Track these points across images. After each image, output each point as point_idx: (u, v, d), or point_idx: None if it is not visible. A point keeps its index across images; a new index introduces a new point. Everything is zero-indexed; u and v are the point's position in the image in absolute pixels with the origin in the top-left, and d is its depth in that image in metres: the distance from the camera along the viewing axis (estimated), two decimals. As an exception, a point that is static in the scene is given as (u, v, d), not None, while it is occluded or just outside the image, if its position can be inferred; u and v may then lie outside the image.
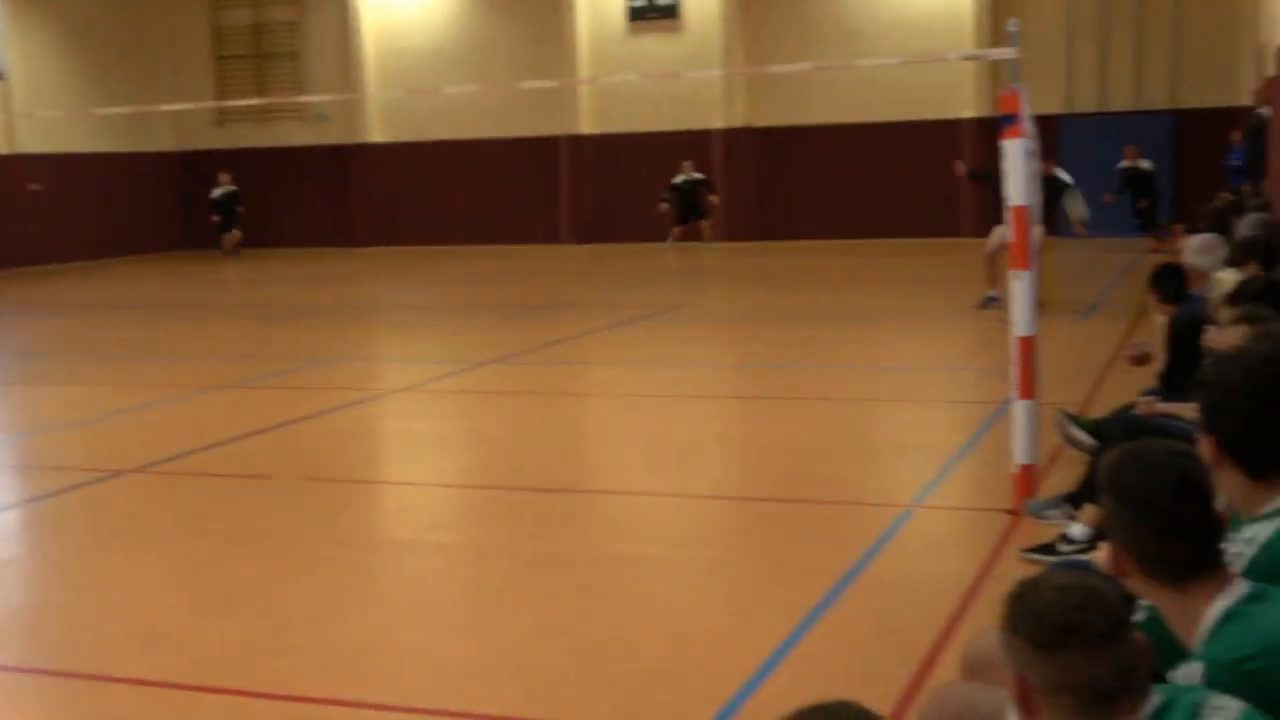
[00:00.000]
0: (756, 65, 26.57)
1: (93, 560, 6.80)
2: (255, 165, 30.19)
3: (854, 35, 26.08)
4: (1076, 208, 15.93)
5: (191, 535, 7.14)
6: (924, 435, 9.04)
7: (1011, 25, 6.88)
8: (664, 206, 24.88)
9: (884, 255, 23.24)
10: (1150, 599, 2.75)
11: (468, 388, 11.76)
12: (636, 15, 27.43)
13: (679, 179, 25.27)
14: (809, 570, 6.10)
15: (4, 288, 23.22)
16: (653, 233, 26.93)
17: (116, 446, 9.63)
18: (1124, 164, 22.86)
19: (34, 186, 27.20)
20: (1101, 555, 4.67)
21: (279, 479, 8.31)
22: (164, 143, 30.63)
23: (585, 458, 9.14)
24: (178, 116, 30.03)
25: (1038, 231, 13.93)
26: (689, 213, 25.28)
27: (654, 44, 27.47)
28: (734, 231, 27.11)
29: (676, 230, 25.36)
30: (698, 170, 25.50)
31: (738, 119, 27.02)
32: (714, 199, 25.31)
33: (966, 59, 24.55)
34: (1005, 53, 6.83)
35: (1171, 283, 7.52)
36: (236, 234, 28.37)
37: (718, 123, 27.15)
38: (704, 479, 8.30)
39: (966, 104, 25.72)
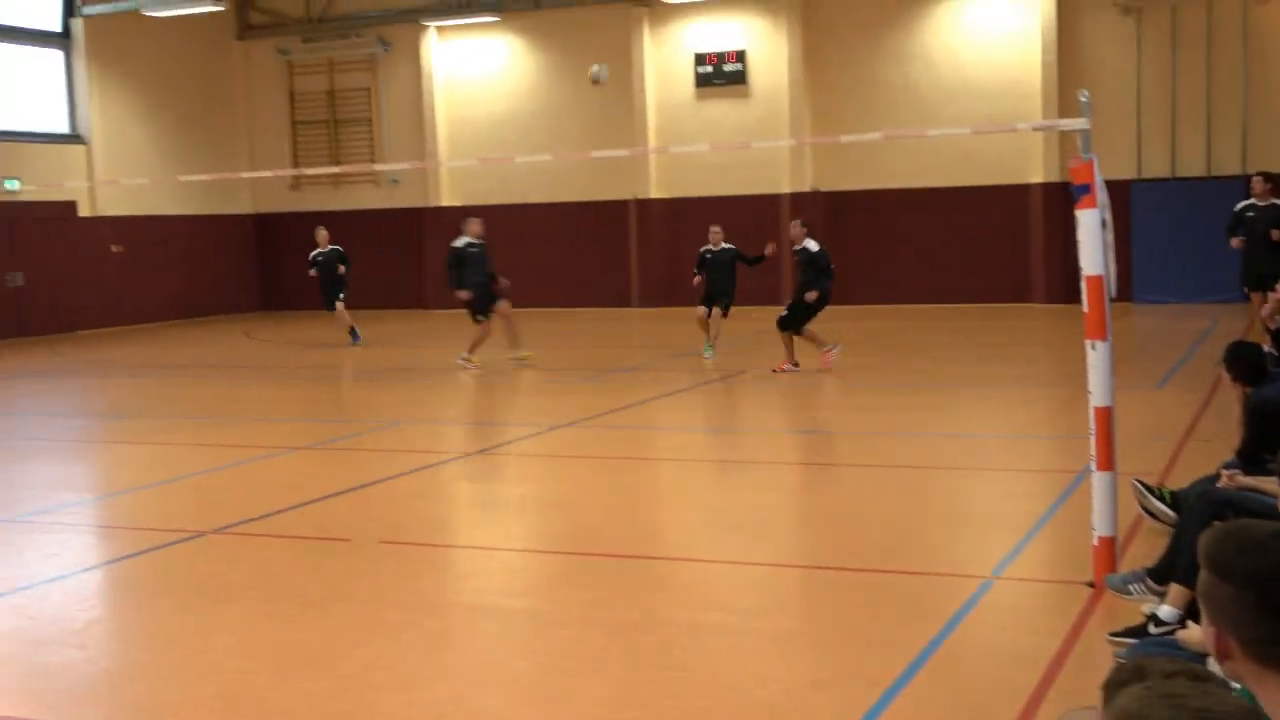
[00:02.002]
0: (824, 130, 26.66)
1: (173, 621, 6.88)
2: (329, 228, 30.56)
3: (921, 101, 26.14)
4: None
5: (270, 597, 7.22)
6: (1000, 504, 8.98)
7: (1083, 96, 6.88)
8: (696, 280, 18.18)
9: (953, 320, 23.14)
10: (1251, 684, 2.70)
11: (539, 451, 11.82)
12: (704, 82, 27.66)
13: (708, 250, 18.53)
14: (887, 642, 6.06)
15: (85, 348, 23.66)
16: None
17: (196, 508, 9.76)
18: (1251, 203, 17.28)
19: (115, 248, 27.79)
20: (1189, 634, 4.63)
21: (356, 542, 8.38)
22: (241, 205, 31.20)
23: (657, 524, 9.14)
24: (255, 180, 30.60)
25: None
26: (719, 292, 18.22)
27: (722, 110, 27.68)
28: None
29: (700, 312, 18.28)
30: (727, 240, 18.60)
31: (806, 184, 27.11)
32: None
33: (1038, 129, 24.50)
34: (1077, 123, 6.83)
35: (1243, 363, 7.32)
36: (343, 311, 22.30)
37: (785, 187, 27.26)
38: (777, 547, 8.28)
39: (1035, 169, 25.65)
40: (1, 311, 25.46)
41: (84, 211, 27.28)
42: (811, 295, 16.08)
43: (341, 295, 22.21)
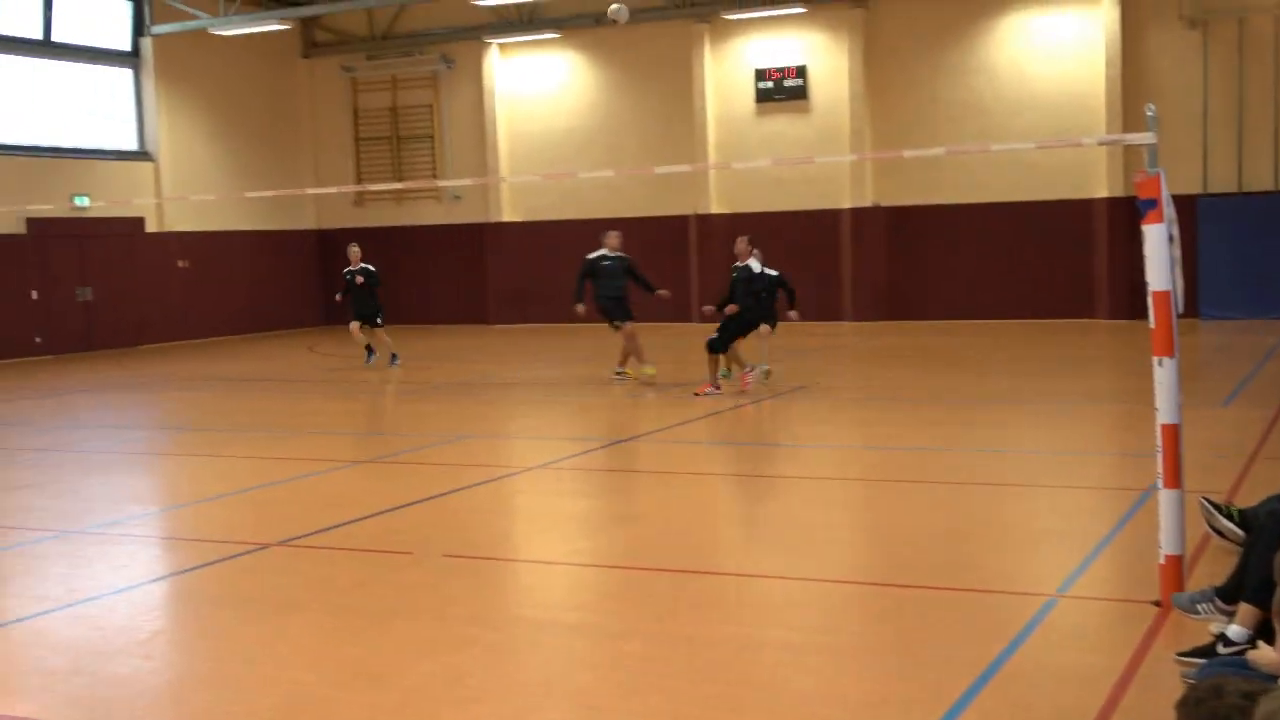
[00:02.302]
0: (884, 144, 26.58)
1: (237, 632, 6.95)
2: (392, 243, 30.95)
3: (984, 115, 26.01)
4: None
5: (333, 610, 7.27)
6: (1065, 522, 8.89)
7: (1149, 110, 6.82)
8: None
9: (1016, 336, 22.97)
10: None
11: (600, 466, 11.84)
12: (764, 97, 27.67)
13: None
14: (950, 660, 6.01)
15: (151, 361, 23.97)
16: (780, 310, 26.91)
17: (258, 520, 9.87)
18: None
19: (182, 263, 28.17)
20: (1261, 655, 4.56)
21: (418, 555, 8.43)
22: (305, 221, 31.53)
23: (718, 539, 9.12)
24: (319, 196, 30.95)
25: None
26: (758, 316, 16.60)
27: (782, 125, 27.66)
28: (863, 311, 27.05)
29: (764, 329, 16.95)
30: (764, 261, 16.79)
31: (866, 198, 27.02)
32: (794, 315, 17.40)
33: (1103, 144, 24.25)
34: (1143, 137, 6.77)
35: None
36: (380, 333, 21.48)
37: (846, 202, 27.18)
38: (838, 563, 8.24)
39: (1099, 183, 25.42)
40: (70, 325, 25.86)
41: (151, 227, 27.68)
42: (732, 308, 16.05)
43: (378, 316, 21.47)
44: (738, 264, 16.34)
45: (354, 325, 21.28)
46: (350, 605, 7.35)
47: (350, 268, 21.48)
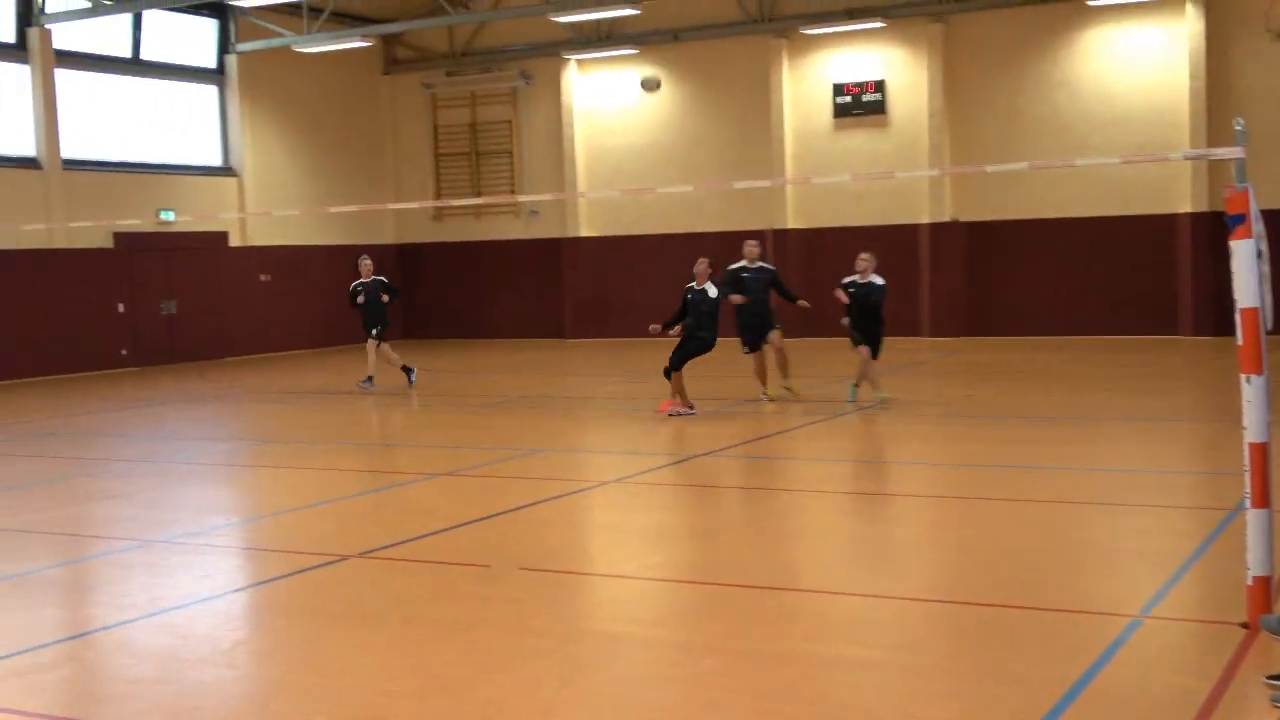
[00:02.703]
0: (964, 159, 26.39)
1: (317, 642, 7.02)
2: (470, 258, 31.23)
3: (1065, 130, 25.75)
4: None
5: (411, 621, 7.32)
6: (1149, 541, 8.75)
7: (1238, 124, 6.71)
8: (845, 322, 16.26)
9: (1097, 352, 22.68)
10: None
11: (676, 480, 11.83)
12: (842, 112, 27.58)
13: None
14: (1032, 681, 5.94)
15: (234, 374, 24.31)
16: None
17: (339, 532, 9.96)
18: None
19: (264, 277, 28.57)
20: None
21: (496, 567, 8.47)
22: (385, 236, 31.86)
23: (795, 555, 9.08)
24: (399, 211, 31.27)
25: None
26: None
27: (860, 140, 27.55)
28: (941, 326, 26.85)
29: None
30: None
31: (945, 213, 26.83)
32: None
33: (1190, 158, 23.93)
34: (1232, 151, 6.66)
35: None
36: (383, 348, 20.40)
37: (925, 217, 27.01)
38: (918, 581, 8.17)
39: (1183, 198, 25.06)
40: (155, 338, 26.29)
41: (235, 242, 28.11)
42: (675, 329, 16.07)
43: (376, 331, 20.17)
44: (697, 286, 16.04)
45: (371, 344, 20.22)
46: (428, 617, 7.40)
47: (362, 280, 20.37)
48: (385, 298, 20.20)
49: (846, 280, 16.24)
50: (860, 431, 14.59)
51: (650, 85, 15.84)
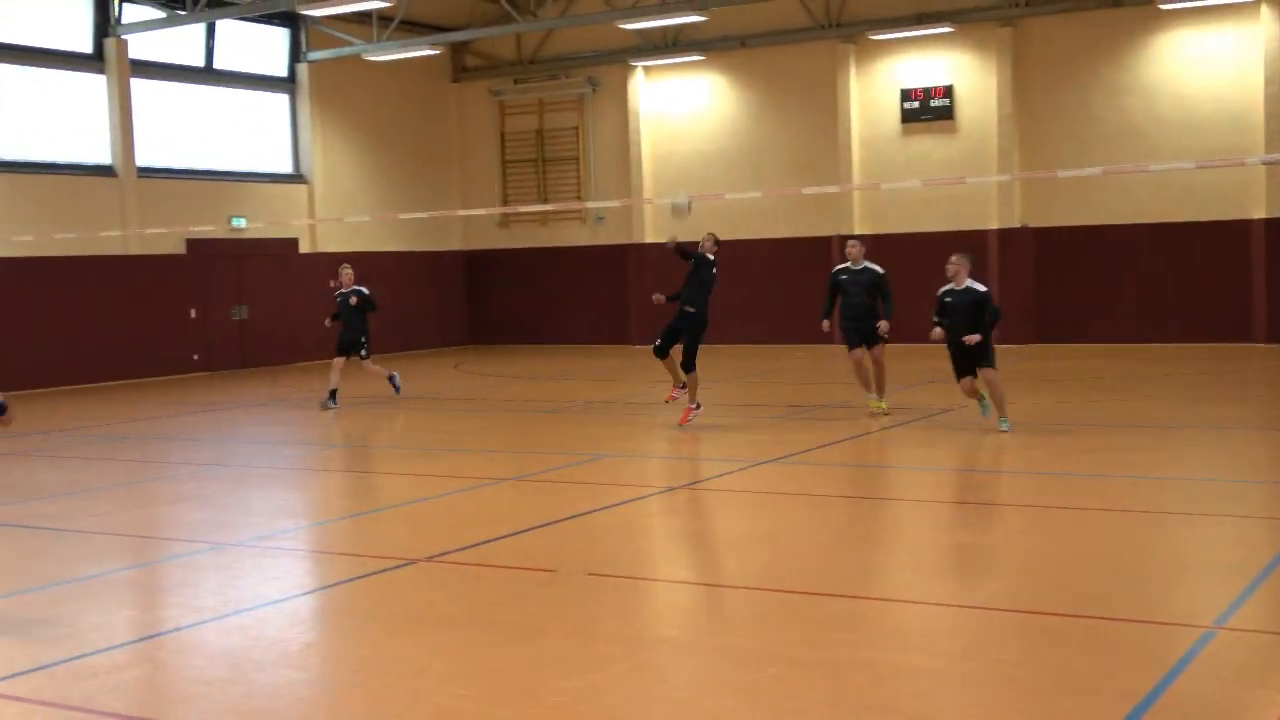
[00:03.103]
0: (1033, 165, 26.17)
1: (386, 646, 7.07)
2: (536, 264, 31.37)
3: (1136, 135, 25.46)
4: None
5: (480, 625, 7.36)
6: (1223, 552, 8.62)
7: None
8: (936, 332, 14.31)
9: (1169, 360, 22.38)
10: None
11: (744, 487, 11.81)
12: (909, 117, 27.43)
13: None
14: (1102, 692, 5.87)
15: (303, 379, 24.55)
16: (923, 333, 26.59)
17: (407, 536, 10.04)
18: None
19: (333, 283, 28.81)
20: None
21: (562, 573, 8.50)
22: (452, 242, 32.08)
23: (862, 562, 9.03)
24: (466, 217, 31.48)
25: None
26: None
27: (928, 145, 27.39)
28: (1010, 333, 26.59)
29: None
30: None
31: (1014, 219, 26.61)
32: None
33: (1268, 163, 23.57)
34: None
35: None
36: (368, 365, 19.63)
37: (994, 223, 26.80)
38: (986, 589, 8.10)
39: (1257, 204, 24.69)
40: (226, 343, 26.62)
41: (304, 248, 28.40)
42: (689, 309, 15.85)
43: (363, 350, 19.35)
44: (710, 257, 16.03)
45: (338, 361, 19.35)
46: (496, 621, 7.43)
47: (342, 289, 19.55)
48: (356, 303, 19.25)
49: (944, 290, 14.31)
50: (928, 439, 14.48)
51: (681, 212, 15.64)
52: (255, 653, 6.99)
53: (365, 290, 19.60)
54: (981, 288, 14.12)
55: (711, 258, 15.94)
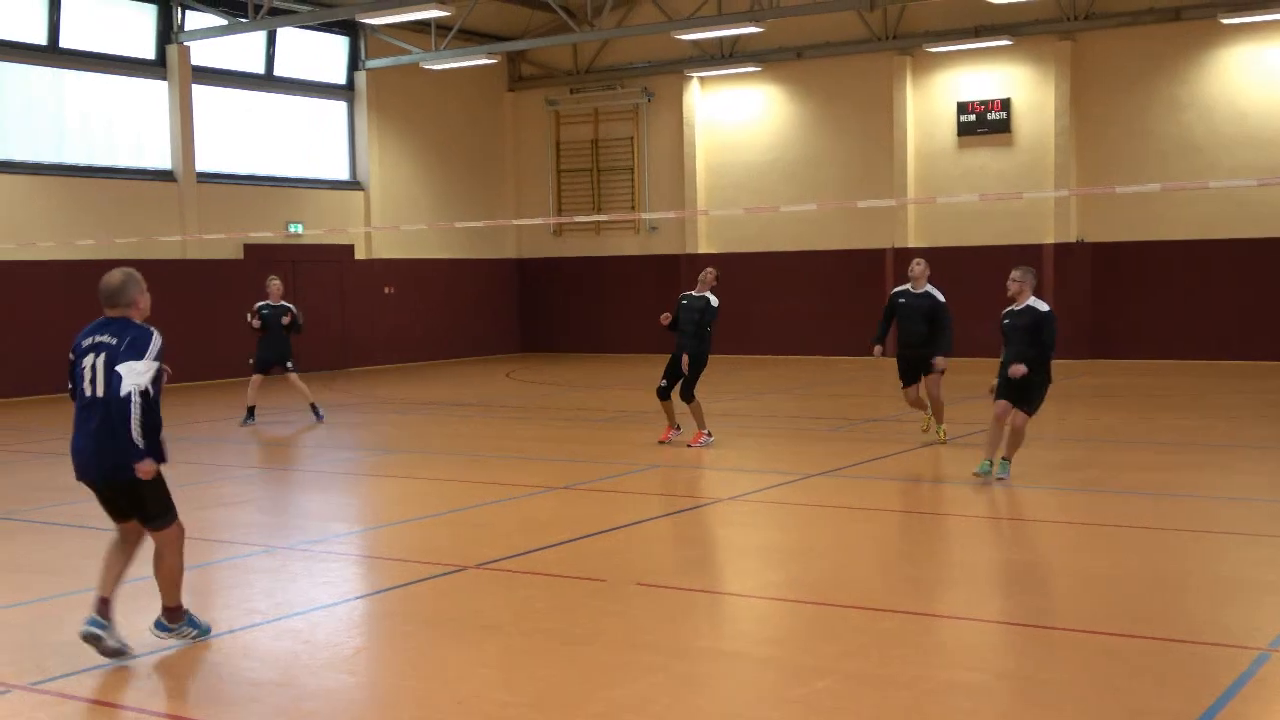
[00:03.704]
0: (1091, 179, 25.97)
1: (436, 651, 7.11)
2: (588, 273, 31.45)
3: (1195, 150, 25.23)
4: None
5: (527, 633, 7.39)
6: (1278, 573, 8.52)
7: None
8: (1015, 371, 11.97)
9: (1227, 377, 22.13)
10: None
11: (794, 500, 11.78)
12: (966, 130, 27.30)
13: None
14: (1153, 712, 5.82)
15: (358, 384, 24.74)
16: (982, 347, 26.48)
17: (457, 542, 10.09)
18: None
19: (388, 289, 29.05)
20: None
21: (611, 582, 8.52)
22: (506, 250, 32.24)
23: (913, 577, 8.99)
24: (519, 225, 31.62)
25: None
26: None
27: (984, 159, 27.25)
28: (1065, 348, 26.35)
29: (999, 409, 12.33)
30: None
31: (1071, 234, 26.41)
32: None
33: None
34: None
35: None
36: (292, 378, 18.62)
37: (1050, 238, 26.61)
38: (1036, 607, 8.04)
39: (1321, 221, 24.40)
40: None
41: (360, 254, 28.62)
42: (684, 361, 15.04)
43: (289, 360, 18.67)
44: (695, 293, 15.29)
45: (256, 379, 18.62)
46: (544, 629, 7.46)
47: (268, 302, 18.72)
48: (288, 322, 18.52)
49: (1004, 313, 12.28)
50: (973, 455, 14.37)
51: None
52: (306, 656, 7.05)
53: (294, 309, 18.93)
54: (1043, 307, 12.01)
55: (713, 300, 15.24)
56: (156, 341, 6.91)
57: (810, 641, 7.28)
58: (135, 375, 6.70)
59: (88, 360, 6.85)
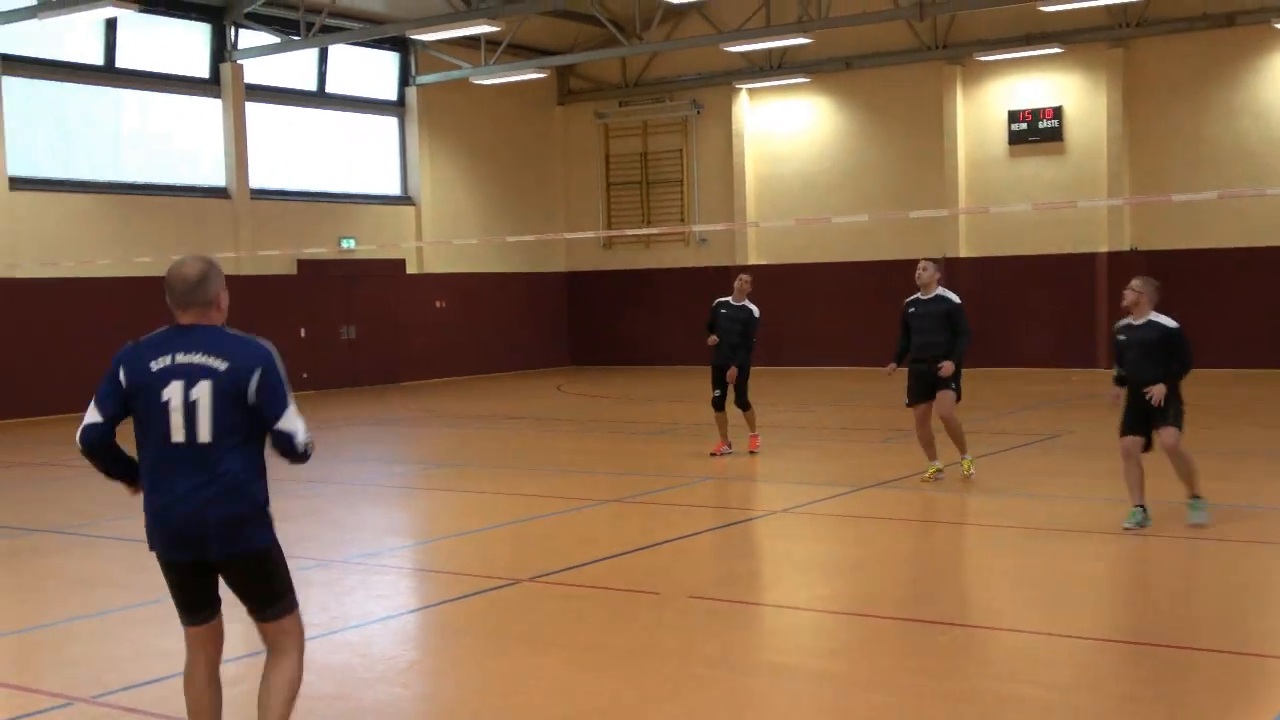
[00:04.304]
0: (1144, 187, 25.74)
1: (490, 665, 7.13)
2: (638, 285, 31.47)
3: (1249, 157, 24.94)
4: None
5: (582, 646, 7.40)
6: (1342, 586, 8.40)
7: None
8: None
9: (1287, 387, 21.85)
10: None
11: (847, 512, 11.74)
12: (1017, 139, 27.13)
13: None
14: (1217, 726, 5.75)
15: (410, 398, 24.87)
16: (1032, 357, 26.31)
17: (511, 556, 10.12)
18: None
19: (439, 304, 29.20)
20: None
21: (664, 595, 8.51)
22: (556, 264, 32.32)
23: (968, 589, 8.93)
24: (571, 239, 31.71)
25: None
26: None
27: (1036, 167, 27.06)
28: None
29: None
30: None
31: (1124, 243, 26.18)
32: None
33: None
34: None
35: None
36: None
37: (1103, 246, 26.38)
38: (1098, 619, 7.96)
39: (1381, 227, 24.07)
40: (335, 362, 27.03)
41: (411, 269, 28.78)
42: (731, 373, 15.14)
43: None
44: (734, 303, 15.50)
45: None
46: (598, 643, 7.47)
47: None
48: None
49: (1120, 325, 10.88)
50: (1033, 466, 14.28)
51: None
52: (362, 669, 7.09)
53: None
54: (1169, 323, 10.51)
55: (755, 309, 15.44)
56: (278, 358, 5.12)
57: (866, 655, 7.24)
58: (296, 421, 5.10)
59: (173, 391, 4.95)
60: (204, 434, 4.95)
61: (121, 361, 5.07)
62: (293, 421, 5.05)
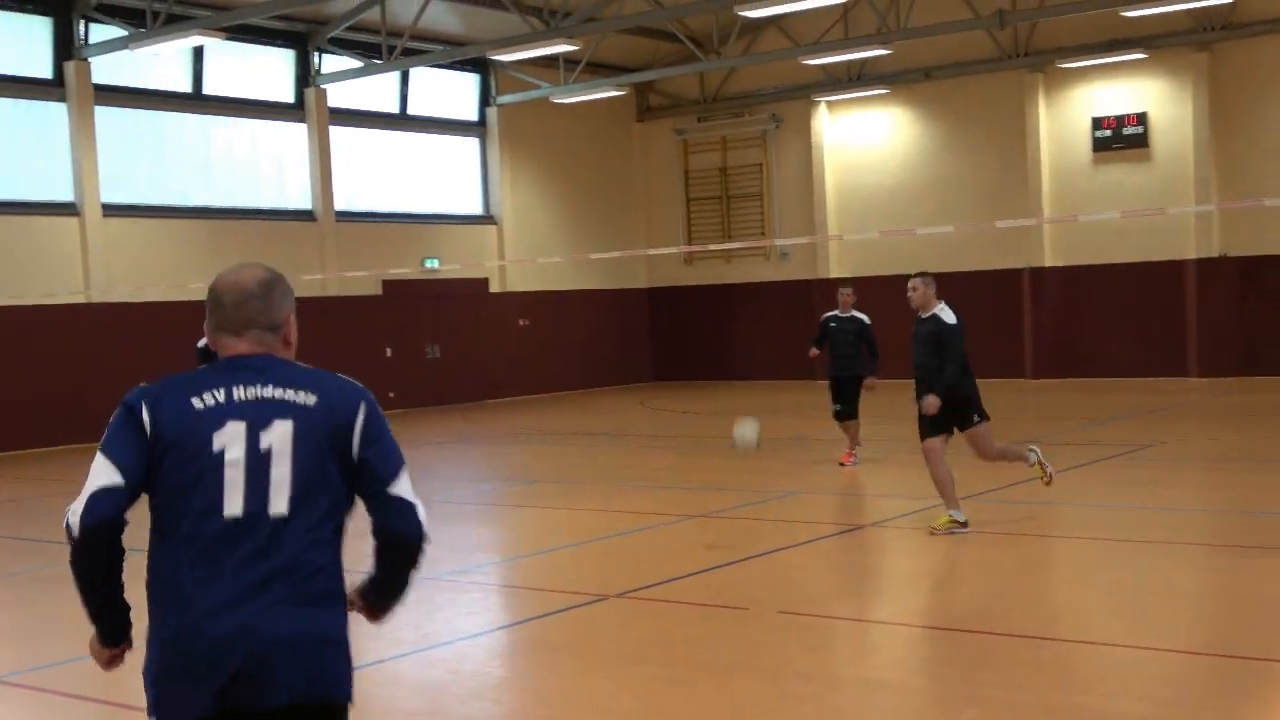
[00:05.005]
0: (1232, 192, 25.30)
1: (581, 681, 7.17)
2: (720, 300, 31.47)
3: (1343, 159, 24.47)
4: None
5: (671, 662, 7.41)
6: None
7: None
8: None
9: (1386, 393, 21.37)
10: None
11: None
12: (1101, 145, 26.82)
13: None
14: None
15: (495, 416, 25.04)
16: (1121, 366, 25.96)
17: (598, 572, 10.16)
18: None
19: (522, 322, 29.40)
20: None
21: (754, 610, 8.50)
22: (637, 280, 32.41)
23: (1059, 603, 8.83)
24: (652, 255, 31.79)
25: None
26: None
27: (1121, 174, 26.72)
28: (1211, 366, 25.72)
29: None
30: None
31: (1213, 249, 25.76)
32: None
33: None
34: None
35: None
36: None
37: (1191, 253, 25.98)
38: (1191, 633, 7.85)
39: None
40: (420, 381, 27.29)
41: (494, 288, 29.01)
42: (869, 382, 15.36)
43: None
44: (842, 314, 15.95)
45: None
46: (688, 659, 7.47)
47: None
48: None
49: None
50: (1121, 477, 14.08)
51: (747, 448, 13.99)
52: (453, 685, 7.16)
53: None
54: (950, 318, 10.53)
55: (860, 316, 15.99)
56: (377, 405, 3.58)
57: (956, 670, 7.18)
58: (410, 488, 3.71)
59: (231, 436, 3.32)
60: (278, 503, 3.31)
61: (143, 400, 3.34)
62: (409, 487, 3.62)
